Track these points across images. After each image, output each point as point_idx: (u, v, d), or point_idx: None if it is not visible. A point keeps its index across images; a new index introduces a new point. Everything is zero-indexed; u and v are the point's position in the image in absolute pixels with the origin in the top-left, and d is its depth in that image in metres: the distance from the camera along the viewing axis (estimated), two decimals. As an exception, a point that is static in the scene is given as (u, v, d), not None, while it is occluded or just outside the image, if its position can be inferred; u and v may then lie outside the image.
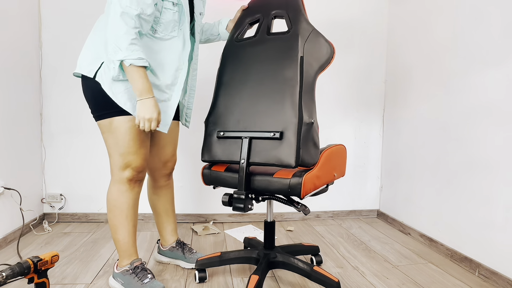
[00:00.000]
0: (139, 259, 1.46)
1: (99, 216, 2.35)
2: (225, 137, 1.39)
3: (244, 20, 1.53)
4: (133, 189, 1.41)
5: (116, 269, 1.45)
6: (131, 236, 1.43)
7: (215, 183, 1.45)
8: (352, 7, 2.49)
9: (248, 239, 1.78)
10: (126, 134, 1.34)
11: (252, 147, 1.32)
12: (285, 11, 1.42)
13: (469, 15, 1.75)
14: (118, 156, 1.36)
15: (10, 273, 1.04)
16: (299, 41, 1.31)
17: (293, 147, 1.25)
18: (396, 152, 2.40)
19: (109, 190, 1.41)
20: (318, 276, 1.38)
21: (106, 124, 1.34)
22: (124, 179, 1.38)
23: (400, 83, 2.35)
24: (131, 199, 1.41)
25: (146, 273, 1.41)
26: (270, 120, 1.30)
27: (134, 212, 1.43)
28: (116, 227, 1.41)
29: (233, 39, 1.50)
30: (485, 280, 1.61)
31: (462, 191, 1.78)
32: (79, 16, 2.25)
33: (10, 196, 1.93)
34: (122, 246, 1.43)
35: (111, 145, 1.36)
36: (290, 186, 1.26)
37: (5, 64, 1.90)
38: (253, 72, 1.38)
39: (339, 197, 2.56)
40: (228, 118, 1.40)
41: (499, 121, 1.57)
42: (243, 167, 1.31)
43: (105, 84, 1.29)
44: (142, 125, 1.27)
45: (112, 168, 1.39)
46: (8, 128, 1.93)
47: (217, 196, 2.42)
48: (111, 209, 1.41)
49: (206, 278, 1.55)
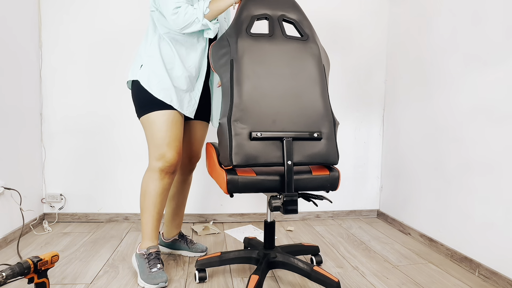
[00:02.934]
0: (156, 246, 1.55)
1: (99, 216, 2.35)
2: (261, 138, 1.28)
3: (248, 13, 1.41)
4: (163, 179, 1.52)
5: (138, 249, 1.57)
6: (154, 221, 1.54)
7: (245, 189, 1.31)
8: (352, 7, 2.49)
9: (248, 239, 1.78)
10: (161, 126, 1.48)
11: (293, 148, 1.32)
12: (293, 16, 1.43)
13: (469, 15, 1.75)
14: (154, 147, 1.51)
15: (10, 273, 1.04)
16: (319, 47, 1.40)
17: (334, 145, 1.35)
18: (396, 152, 2.40)
19: (144, 176, 1.56)
20: (318, 276, 1.38)
21: (145, 119, 1.51)
22: (156, 169, 1.51)
23: (400, 83, 2.35)
24: (159, 188, 1.52)
25: (157, 262, 1.49)
26: (307, 120, 1.33)
27: (161, 200, 1.54)
28: (143, 210, 1.54)
29: (244, 31, 1.36)
30: (485, 280, 1.61)
31: (462, 191, 1.78)
32: (79, 16, 2.25)
33: (10, 196, 1.93)
34: (145, 229, 1.55)
35: (149, 137, 1.52)
36: (330, 180, 1.36)
37: (5, 64, 1.90)
38: (279, 70, 1.35)
39: (339, 197, 2.56)
40: (261, 117, 1.30)
41: (499, 121, 1.57)
42: (291, 168, 1.29)
43: (143, 81, 1.49)
44: None
45: (150, 157, 1.54)
46: (8, 128, 1.93)
47: (217, 196, 2.42)
48: (142, 193, 1.55)
49: (206, 278, 1.55)
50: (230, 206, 2.44)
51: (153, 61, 1.50)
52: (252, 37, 1.36)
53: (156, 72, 1.49)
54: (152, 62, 1.50)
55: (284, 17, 1.43)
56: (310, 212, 2.53)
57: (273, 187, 1.32)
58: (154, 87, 1.49)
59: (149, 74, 1.49)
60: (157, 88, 1.49)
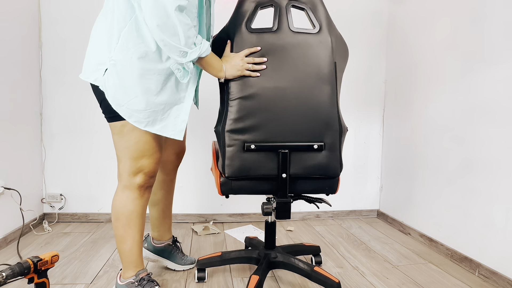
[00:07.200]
0: (145, 270, 1.35)
1: (99, 216, 2.35)
2: (256, 150, 1.23)
3: (251, 2, 1.26)
4: (143, 196, 1.30)
5: (119, 280, 1.34)
6: (138, 245, 1.32)
7: (239, 192, 1.31)
8: (352, 7, 2.48)
9: (249, 239, 1.78)
10: (141, 137, 1.23)
11: (291, 159, 1.24)
12: (304, 0, 1.26)
13: (469, 15, 1.75)
14: (129, 161, 1.25)
15: (10, 273, 1.04)
16: (332, 44, 1.23)
17: (337, 157, 1.25)
18: (396, 152, 2.40)
19: (116, 197, 1.29)
20: (319, 276, 1.38)
21: (118, 127, 1.23)
22: (134, 185, 1.27)
23: (400, 83, 2.35)
24: (140, 207, 1.30)
25: (154, 285, 1.32)
26: (308, 130, 1.23)
27: (142, 220, 1.32)
28: (122, 237, 1.30)
29: (243, 26, 1.24)
30: (485, 280, 1.61)
31: (462, 191, 1.78)
32: (79, 16, 2.25)
33: (10, 196, 1.93)
34: (127, 257, 1.31)
35: (122, 148, 1.25)
36: (328, 183, 1.31)
37: (5, 64, 1.90)
38: (280, 73, 1.22)
39: (339, 197, 2.56)
40: (255, 127, 1.22)
41: (499, 121, 1.57)
42: (285, 180, 1.25)
43: (109, 95, 1.19)
44: (247, 72, 1.21)
45: (121, 173, 1.28)
46: (8, 128, 1.93)
47: (217, 196, 2.42)
48: (118, 217, 1.29)
49: (205, 278, 1.54)
50: (230, 206, 2.44)
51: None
52: (253, 33, 1.23)
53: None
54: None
55: (294, 4, 1.25)
56: (310, 212, 2.53)
57: (267, 190, 1.31)
58: (123, 107, 1.21)
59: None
60: (128, 110, 1.22)
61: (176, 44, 1.10)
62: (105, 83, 1.19)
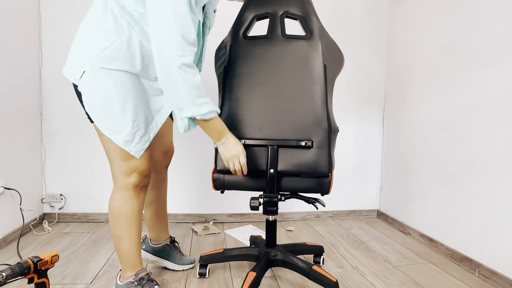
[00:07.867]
0: (144, 270, 1.35)
1: (99, 216, 2.35)
2: (247, 145, 1.30)
3: (249, 14, 1.39)
4: (139, 196, 1.30)
5: (119, 280, 1.34)
6: (136, 245, 1.32)
7: (229, 187, 1.38)
8: (353, 7, 2.48)
9: (253, 237, 1.80)
10: None
11: (279, 155, 1.29)
12: (297, 11, 1.35)
13: (469, 15, 1.75)
14: (120, 161, 1.24)
15: (10, 273, 1.04)
16: (322, 48, 1.31)
17: (326, 156, 1.28)
18: (396, 152, 2.40)
19: (112, 198, 1.30)
20: (317, 275, 1.38)
21: None
22: (129, 186, 1.27)
23: (400, 83, 2.35)
24: (136, 207, 1.29)
25: (153, 284, 1.32)
26: (297, 127, 1.28)
27: (139, 220, 1.32)
28: (120, 237, 1.30)
29: (241, 35, 1.37)
30: (485, 280, 1.61)
31: (462, 191, 1.78)
32: (79, 16, 2.25)
33: (10, 196, 1.93)
34: (126, 257, 1.32)
35: (112, 149, 1.23)
36: (320, 183, 1.32)
37: (5, 64, 1.90)
38: (272, 75, 1.31)
39: (339, 197, 2.56)
40: (247, 124, 1.31)
41: (499, 121, 1.57)
42: (273, 176, 1.29)
43: (87, 105, 1.19)
44: (231, 166, 1.26)
45: (115, 174, 1.28)
46: (8, 128, 1.93)
47: (217, 196, 2.42)
48: (115, 218, 1.29)
49: (206, 274, 1.56)
50: (230, 206, 2.44)
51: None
52: (248, 41, 1.34)
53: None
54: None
55: (288, 14, 1.36)
56: (310, 212, 2.53)
57: (257, 187, 1.35)
58: (102, 121, 1.21)
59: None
60: (110, 126, 1.22)
61: (176, 99, 1.16)
62: (82, 85, 1.19)
